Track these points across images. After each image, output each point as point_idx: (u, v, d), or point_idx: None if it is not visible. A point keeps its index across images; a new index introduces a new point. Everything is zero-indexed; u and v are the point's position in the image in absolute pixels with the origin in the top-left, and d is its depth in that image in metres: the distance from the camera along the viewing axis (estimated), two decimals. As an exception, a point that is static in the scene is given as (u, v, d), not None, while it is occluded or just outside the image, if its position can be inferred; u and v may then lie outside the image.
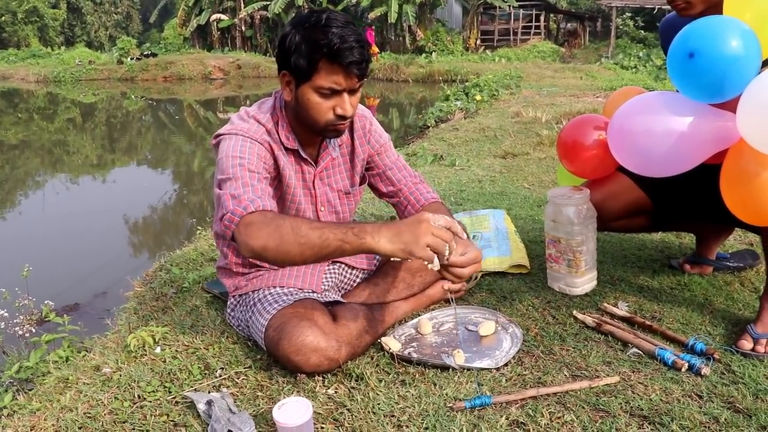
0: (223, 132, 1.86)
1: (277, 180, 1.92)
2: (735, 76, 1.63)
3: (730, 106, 1.69)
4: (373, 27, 25.31)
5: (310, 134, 1.90)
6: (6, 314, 2.59)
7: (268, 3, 28.00)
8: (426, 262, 1.56)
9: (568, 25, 31.35)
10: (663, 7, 24.13)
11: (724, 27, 1.63)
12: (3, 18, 35.62)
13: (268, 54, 28.12)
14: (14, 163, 10.41)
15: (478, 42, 28.16)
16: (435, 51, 25.30)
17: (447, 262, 1.59)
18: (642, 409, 1.56)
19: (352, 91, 1.76)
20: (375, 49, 22.91)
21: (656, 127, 1.78)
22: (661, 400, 1.60)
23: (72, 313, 3.84)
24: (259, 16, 28.96)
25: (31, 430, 1.64)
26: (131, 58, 25.38)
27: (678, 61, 1.70)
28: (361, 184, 2.11)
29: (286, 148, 1.90)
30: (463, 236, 1.65)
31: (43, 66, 25.98)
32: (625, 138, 1.88)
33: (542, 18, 28.86)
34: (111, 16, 44.10)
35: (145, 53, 26.78)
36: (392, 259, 1.81)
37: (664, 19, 2.38)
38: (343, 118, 1.78)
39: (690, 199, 2.15)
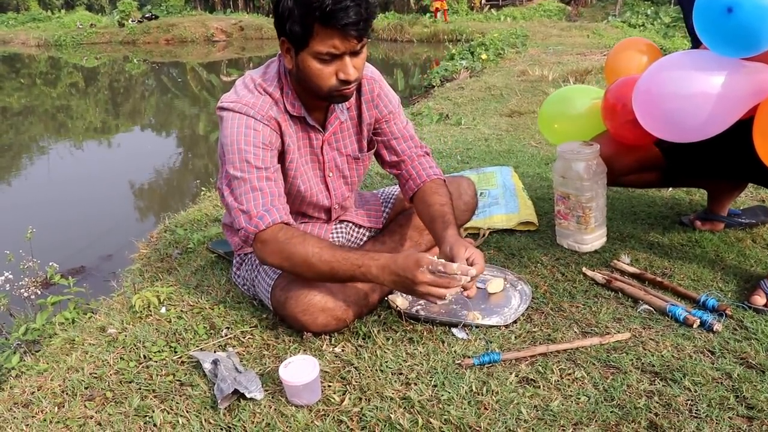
0: (228, 105, 1.75)
1: (282, 153, 1.84)
2: None
3: (759, 57, 1.62)
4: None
5: (315, 100, 1.81)
6: (11, 276, 2.58)
7: (270, -37, 27.56)
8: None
9: (576, -18, 30.77)
10: (672, -37, 23.64)
11: None
12: (2, -19, 35.24)
13: (270, 15, 27.74)
14: (18, 128, 10.38)
15: (483, 1, 27.71)
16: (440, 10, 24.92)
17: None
18: (653, 366, 1.54)
19: (354, 53, 1.64)
20: (441, 5, 21.70)
21: (690, 89, 1.68)
22: (672, 356, 1.58)
23: (77, 275, 3.84)
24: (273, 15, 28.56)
25: (38, 390, 1.64)
26: (132, 21, 25.12)
27: (713, 16, 1.60)
28: (369, 150, 2.03)
29: (293, 116, 1.82)
30: (471, 272, 1.63)
31: (44, 30, 25.78)
32: (654, 103, 1.77)
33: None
34: (111, -21, 43.52)
35: (147, 16, 26.51)
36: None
37: None
38: (346, 82, 1.67)
39: (703, 154, 2.09)
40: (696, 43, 2.01)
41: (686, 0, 2.21)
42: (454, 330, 1.76)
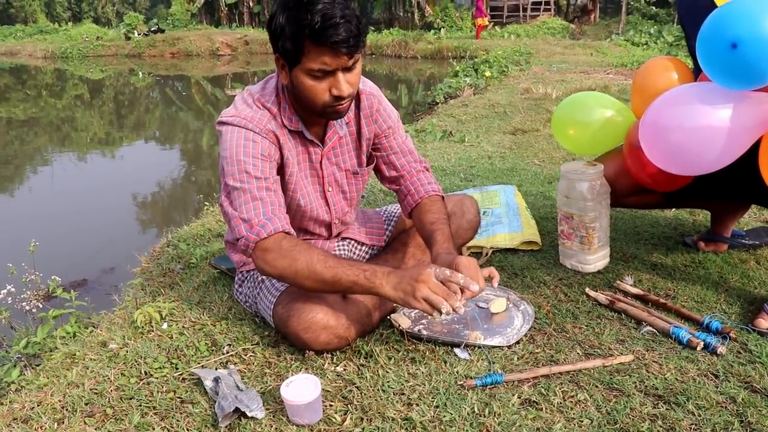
0: (227, 120, 1.77)
1: (281, 167, 1.85)
2: None
3: (764, 88, 1.63)
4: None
5: (313, 114, 1.81)
6: (13, 289, 2.58)
7: (276, -22, 27.74)
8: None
9: (578, 1, 30.95)
10: (676, -18, 23.70)
11: (762, 9, 1.53)
12: (10, -6, 35.53)
13: (275, 30, 27.91)
14: (23, 139, 10.41)
15: (488, 19, 27.85)
16: (444, 27, 25.05)
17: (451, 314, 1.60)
18: (657, 389, 1.53)
19: (346, 69, 1.64)
20: (484, 21, 21.41)
21: (695, 123, 1.68)
22: (676, 379, 1.57)
23: (79, 288, 3.83)
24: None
25: (38, 405, 1.63)
26: (138, 34, 25.26)
27: (717, 51, 1.60)
28: (368, 165, 2.03)
29: (291, 131, 1.83)
30: (472, 287, 1.61)
31: (51, 42, 25.92)
32: (660, 137, 1.76)
33: (553, -6, 28.47)
34: (118, -8, 43.90)
35: (153, 29, 26.64)
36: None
37: None
38: (340, 98, 1.67)
39: (706, 176, 2.09)
40: (698, 64, 2.01)
41: (689, 22, 2.22)
42: (456, 350, 1.75)
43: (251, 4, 29.38)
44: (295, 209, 1.91)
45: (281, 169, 1.84)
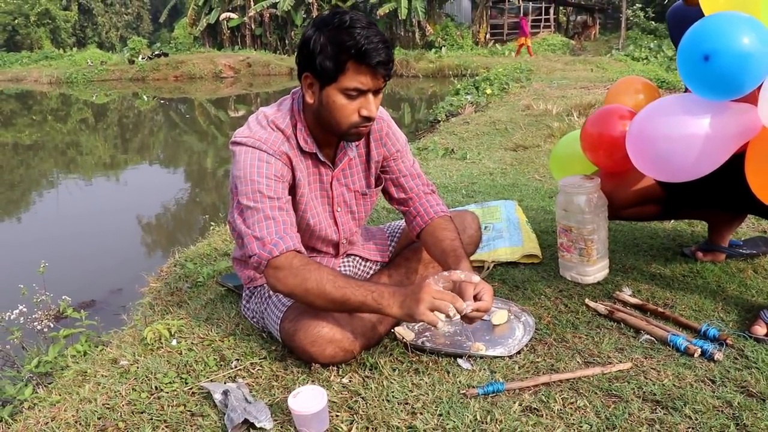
0: (241, 140, 1.81)
1: (292, 187, 1.89)
2: (754, 71, 1.60)
3: (746, 98, 1.68)
4: (527, 17, 24.15)
5: (328, 136, 1.87)
6: (25, 309, 2.63)
7: (277, 1, 28.05)
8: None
9: (578, 17, 31.19)
10: (674, -3, 23.86)
11: (735, 24, 1.60)
12: (16, 21, 35.96)
13: (277, 52, 28.22)
14: (29, 163, 10.51)
15: (488, 36, 28.10)
16: (445, 46, 25.26)
17: (460, 317, 1.66)
18: (655, 394, 1.57)
19: (375, 92, 1.74)
20: (526, 41, 21.64)
21: (679, 132, 1.74)
22: (674, 385, 1.61)
23: (88, 309, 3.86)
24: (268, 14, 29.03)
25: (51, 420, 1.67)
26: (142, 58, 25.52)
27: (692, 64, 1.67)
28: (376, 186, 2.09)
29: (304, 151, 1.88)
30: (473, 279, 1.69)
31: (56, 67, 26.22)
32: (646, 145, 1.84)
33: (552, 11, 28.73)
34: (121, 17, 44.38)
35: (156, 53, 26.93)
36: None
37: (671, 9, 2.37)
38: (367, 119, 1.75)
39: (702, 186, 2.14)
40: None
41: (678, 36, 2.28)
42: (459, 361, 1.79)
43: (253, 26, 29.67)
44: (305, 228, 1.96)
45: (292, 190, 1.88)
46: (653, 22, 24.88)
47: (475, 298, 1.71)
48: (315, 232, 1.99)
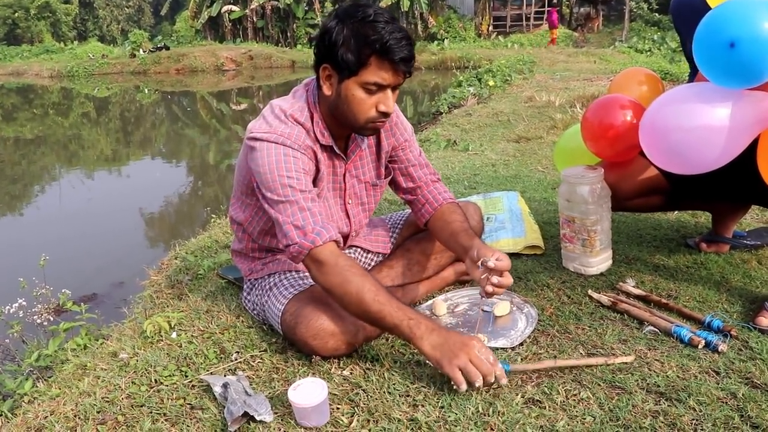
0: (261, 135, 1.76)
1: (314, 181, 1.88)
2: None
3: (760, 86, 1.66)
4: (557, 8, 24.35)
5: (342, 128, 1.86)
6: (25, 303, 2.62)
7: (279, -7, 27.97)
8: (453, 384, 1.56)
9: (581, 9, 31.05)
10: (677, -12, 23.72)
11: (758, 9, 1.56)
12: (16, 14, 35.90)
13: (279, 44, 28.17)
14: (30, 158, 10.51)
15: (491, 28, 28.02)
16: (447, 38, 25.18)
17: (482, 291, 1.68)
18: (658, 386, 1.55)
19: (394, 88, 1.73)
20: (555, 33, 21.80)
21: (694, 122, 1.71)
22: (677, 376, 1.59)
23: (89, 302, 3.88)
24: (270, 7, 28.96)
25: (51, 414, 1.66)
26: (143, 52, 25.48)
27: (715, 52, 1.63)
28: (386, 177, 2.08)
29: (322, 145, 1.86)
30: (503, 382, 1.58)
31: (57, 61, 26.18)
32: (659, 137, 1.80)
33: (555, 3, 28.58)
34: (123, 10, 44.29)
35: (158, 46, 26.91)
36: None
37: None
38: (385, 115, 1.73)
39: (707, 177, 2.11)
40: (695, 68, 2.05)
41: (683, 27, 2.25)
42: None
43: (255, 19, 29.60)
44: None
45: (313, 183, 1.86)
46: (657, 14, 24.80)
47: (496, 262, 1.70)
48: None
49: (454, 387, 1.55)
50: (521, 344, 1.81)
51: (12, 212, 7.32)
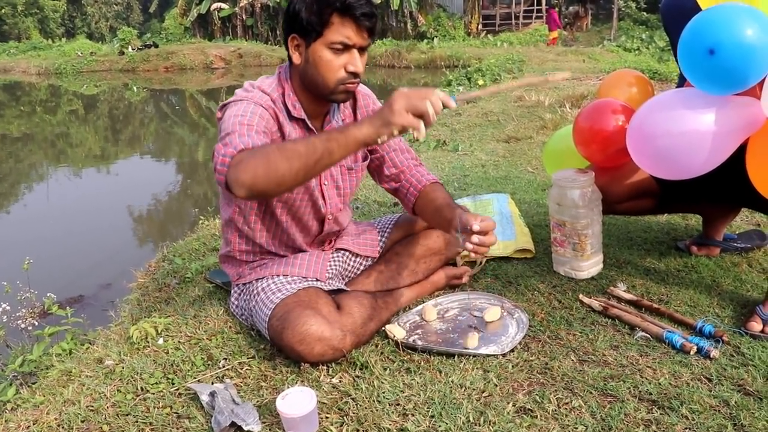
0: (227, 101, 1.81)
1: None
2: (759, 64, 1.57)
3: (747, 91, 1.65)
4: (555, 8, 24.47)
5: (316, 104, 1.88)
6: (8, 307, 2.58)
7: (268, -9, 27.86)
8: (413, 132, 1.47)
9: (570, 8, 31.11)
10: (666, -13, 23.83)
11: (739, 16, 1.56)
12: (3, 10, 35.55)
13: (269, 42, 28.02)
14: (17, 155, 10.41)
15: (480, 27, 27.99)
16: (437, 36, 25.16)
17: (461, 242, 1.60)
18: (651, 394, 1.54)
19: (361, 50, 1.77)
20: (554, 34, 21.79)
21: (681, 127, 1.70)
22: (670, 384, 1.58)
23: (76, 305, 3.85)
24: (259, 5, 28.81)
25: (34, 424, 1.63)
26: (132, 49, 25.29)
27: (696, 57, 1.63)
28: (363, 161, 2.09)
29: (292, 117, 1.87)
30: (451, 104, 1.53)
31: (44, 58, 25.92)
32: (647, 142, 1.79)
33: (544, 1, 28.63)
34: (111, 7, 43.95)
35: (147, 44, 26.68)
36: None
37: (664, 0, 2.34)
38: (354, 75, 1.76)
39: (698, 180, 2.11)
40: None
41: (674, 29, 2.24)
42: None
43: (244, 17, 29.44)
44: (293, 201, 1.95)
45: None
46: (645, 13, 24.88)
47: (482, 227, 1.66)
48: (300, 205, 1.96)
49: (415, 135, 1.46)
50: (512, 350, 1.79)
51: (-1, 211, 7.27)
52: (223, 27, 30.25)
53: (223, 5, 29.51)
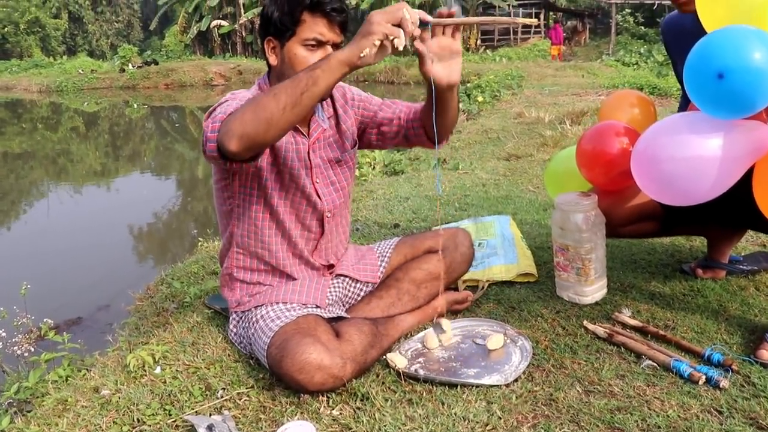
0: (213, 106, 1.77)
1: (272, 150, 1.89)
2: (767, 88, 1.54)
3: (753, 115, 1.63)
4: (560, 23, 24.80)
5: None
6: (4, 334, 2.54)
7: (268, 8, 27.99)
8: (392, 39, 1.48)
9: (569, 22, 31.28)
10: (663, 2, 24.03)
11: (747, 39, 1.54)
12: (5, 29, 35.76)
13: (269, 59, 28.09)
14: (18, 173, 10.42)
15: (479, 42, 28.12)
16: (436, 52, 25.20)
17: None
18: (659, 427, 1.50)
19: (335, 47, 1.78)
20: (555, 50, 22.08)
21: (687, 152, 1.67)
22: (678, 416, 1.54)
23: (74, 327, 3.81)
24: (259, 22, 28.99)
25: (26, 458, 1.59)
26: (133, 66, 25.39)
27: (704, 82, 1.60)
28: (352, 148, 2.08)
29: None
30: (427, 17, 1.58)
31: (46, 76, 26.04)
32: (652, 167, 1.76)
33: (542, 16, 28.77)
34: (112, 25, 44.18)
35: (147, 61, 26.80)
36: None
37: (665, 20, 2.32)
38: None
39: (702, 203, 2.08)
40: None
41: (675, 49, 2.23)
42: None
43: (244, 34, 29.61)
44: (291, 199, 1.95)
45: (273, 154, 1.89)
46: (643, 27, 24.96)
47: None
48: (301, 206, 1.96)
49: (396, 44, 1.48)
50: (516, 380, 1.75)
51: (-1, 228, 7.27)
52: (222, 44, 30.43)
53: (223, 22, 29.70)
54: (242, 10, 28.93)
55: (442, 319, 1.98)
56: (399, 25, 1.50)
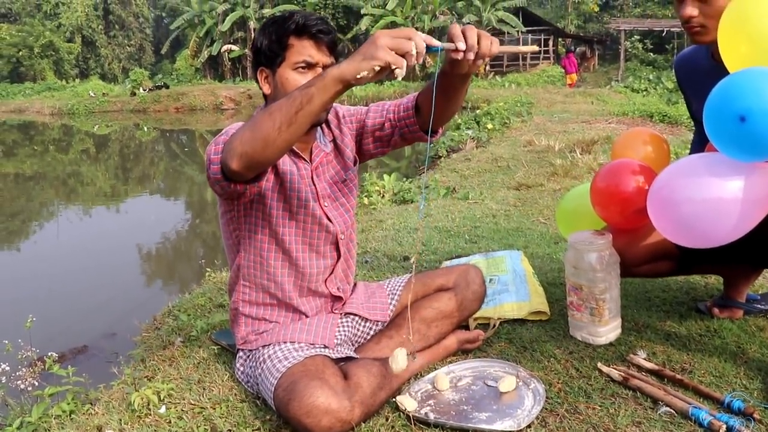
0: (219, 137, 1.76)
1: (277, 177, 1.89)
2: None
3: None
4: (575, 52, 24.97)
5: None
6: (8, 368, 2.51)
7: (279, 33, 28.32)
8: (394, 68, 1.40)
9: (577, 49, 31.42)
10: (672, 29, 24.12)
11: None
12: (20, 53, 36.28)
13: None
14: (29, 194, 10.48)
15: (488, 68, 28.27)
16: (445, 77, 25.36)
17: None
18: (679, 481, 1.45)
19: (325, 68, 1.73)
20: (570, 79, 21.79)
21: (705, 194, 1.64)
22: (698, 469, 1.49)
23: (80, 355, 3.78)
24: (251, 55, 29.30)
25: (27, 502, 1.56)
26: (144, 90, 25.64)
27: (726, 124, 1.56)
28: (354, 164, 2.08)
29: None
30: (434, 42, 1.48)
31: (58, 99, 26.35)
32: (669, 209, 1.73)
33: (551, 42, 28.94)
34: (124, 49, 44.72)
35: (158, 84, 27.09)
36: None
37: (677, 57, 2.31)
38: None
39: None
40: (700, 127, 1.99)
41: (689, 87, 2.20)
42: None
43: (255, 58, 29.92)
44: (303, 225, 1.94)
45: (279, 178, 1.89)
46: (652, 53, 25.06)
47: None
48: (313, 231, 1.96)
49: (396, 74, 1.39)
50: (529, 426, 1.70)
51: (8, 249, 7.27)
52: (233, 68, 30.74)
53: (234, 47, 30.01)
54: (253, 35, 29.24)
55: (398, 349, 1.79)
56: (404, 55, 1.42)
